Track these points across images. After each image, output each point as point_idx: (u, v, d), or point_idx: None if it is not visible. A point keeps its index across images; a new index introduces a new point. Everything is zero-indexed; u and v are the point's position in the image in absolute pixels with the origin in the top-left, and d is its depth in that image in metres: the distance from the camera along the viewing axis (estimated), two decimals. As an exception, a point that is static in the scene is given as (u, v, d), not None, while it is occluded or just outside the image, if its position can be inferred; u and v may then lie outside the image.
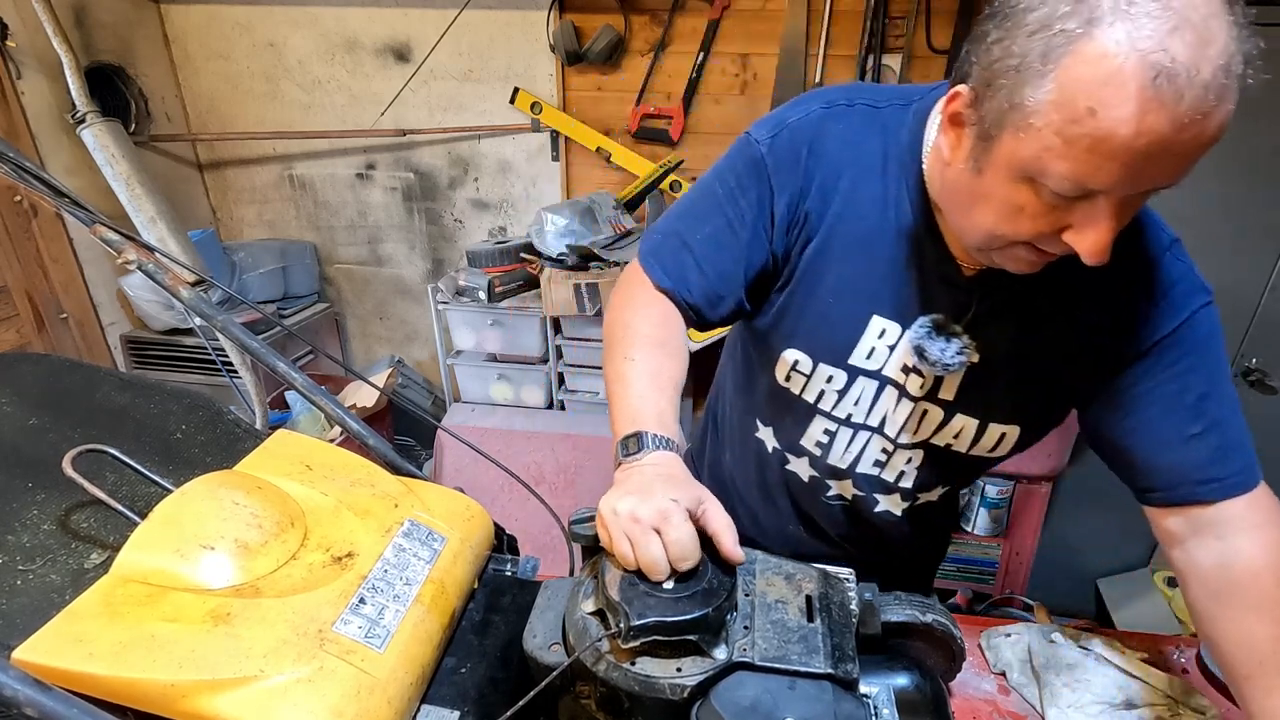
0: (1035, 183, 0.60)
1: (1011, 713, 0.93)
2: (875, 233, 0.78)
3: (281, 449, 0.69)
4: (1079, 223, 0.61)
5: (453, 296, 2.33)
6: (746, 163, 0.80)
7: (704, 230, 0.82)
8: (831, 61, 2.23)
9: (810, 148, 0.77)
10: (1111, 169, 0.55)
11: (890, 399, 0.85)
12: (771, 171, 0.78)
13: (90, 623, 0.48)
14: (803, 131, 0.78)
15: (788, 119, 0.79)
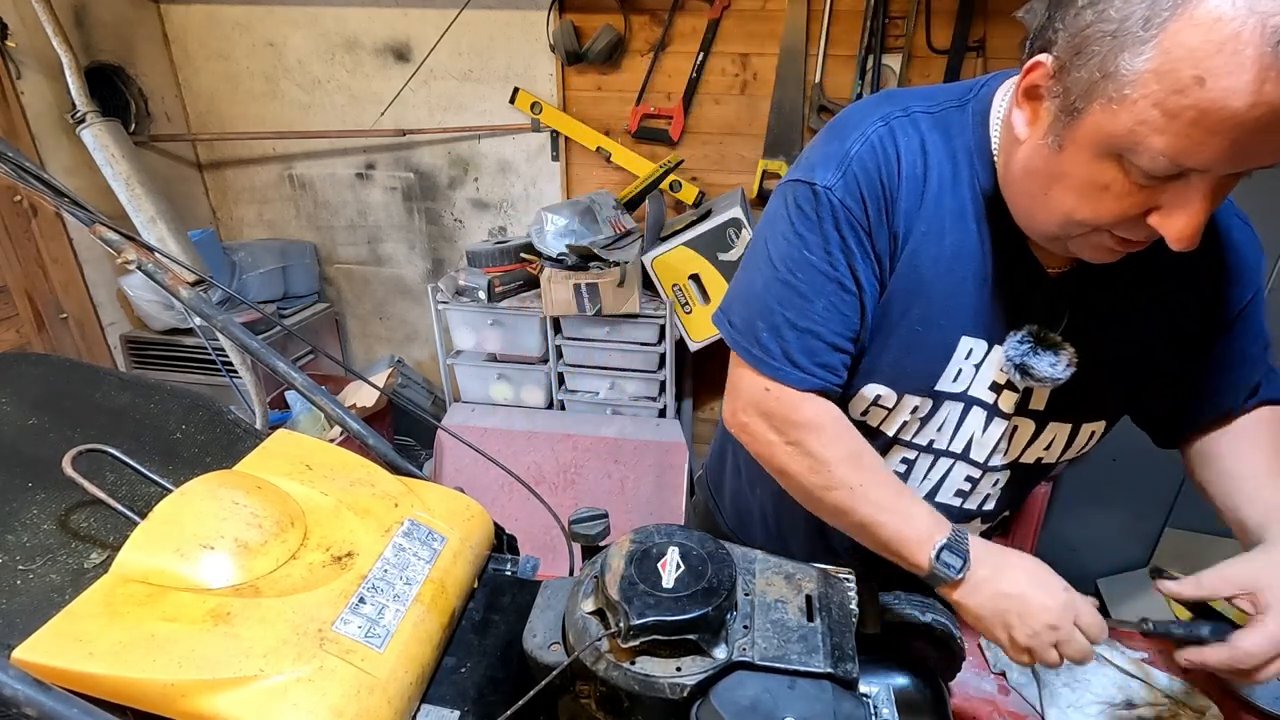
0: (1123, 160, 0.56)
1: (1011, 713, 0.93)
2: (958, 247, 0.72)
3: (281, 449, 0.69)
4: (1168, 204, 0.57)
5: (453, 296, 2.33)
6: (826, 215, 0.71)
7: (818, 306, 0.73)
8: (831, 61, 2.23)
9: (884, 170, 0.70)
10: (1216, 145, 0.51)
11: (977, 420, 0.80)
12: (857, 214, 0.71)
13: (90, 622, 0.48)
14: (871, 157, 0.70)
15: (849, 150, 0.71)
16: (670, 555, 0.58)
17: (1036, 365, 0.72)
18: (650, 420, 2.42)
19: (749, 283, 0.78)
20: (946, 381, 0.77)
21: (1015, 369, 0.74)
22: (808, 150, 0.77)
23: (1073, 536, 2.26)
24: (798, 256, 0.73)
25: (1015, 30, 1.97)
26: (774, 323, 0.74)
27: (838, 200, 0.70)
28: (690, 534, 0.61)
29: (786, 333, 0.74)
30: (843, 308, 0.73)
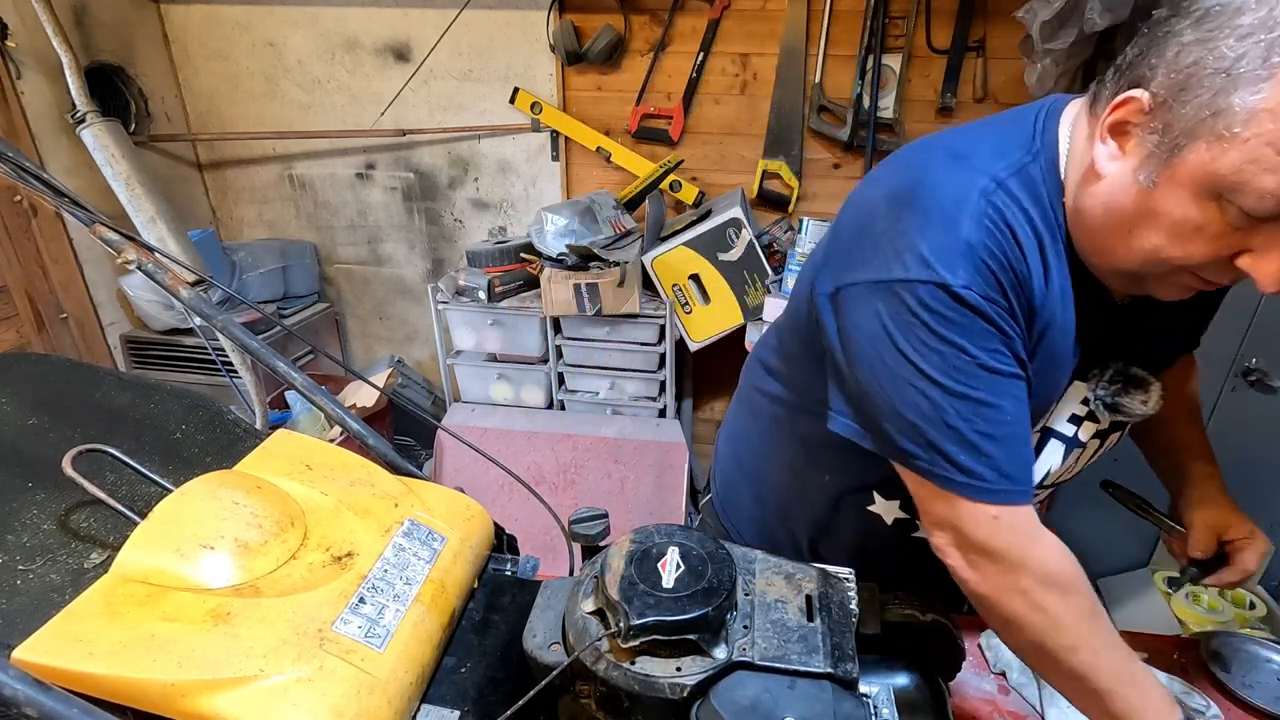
0: (1223, 200, 0.55)
1: (1011, 713, 0.93)
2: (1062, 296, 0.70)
3: (281, 449, 0.69)
4: (1261, 247, 0.56)
5: (453, 296, 2.33)
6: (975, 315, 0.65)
7: (1007, 408, 0.67)
8: (831, 61, 2.23)
9: (1010, 255, 0.65)
10: None
11: (1056, 452, 0.80)
12: (1002, 304, 0.66)
13: (90, 622, 0.48)
14: (995, 243, 0.65)
15: (968, 239, 0.64)
16: (670, 555, 0.58)
17: (1129, 404, 0.74)
18: (650, 420, 2.42)
19: (906, 403, 0.68)
20: (1057, 420, 0.78)
21: (1107, 409, 0.75)
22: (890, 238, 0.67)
23: (1073, 536, 2.25)
24: (962, 364, 0.65)
25: (1015, 30, 1.97)
26: (968, 440, 0.66)
27: (980, 297, 0.64)
28: (690, 534, 0.61)
29: (988, 446, 0.66)
30: (1021, 397, 0.68)
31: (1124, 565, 2.27)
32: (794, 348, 0.87)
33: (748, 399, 1.03)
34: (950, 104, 2.19)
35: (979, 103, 2.20)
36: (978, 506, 0.68)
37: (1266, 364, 1.93)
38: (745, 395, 1.05)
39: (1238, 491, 0.96)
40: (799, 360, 0.86)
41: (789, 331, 0.88)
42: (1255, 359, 1.94)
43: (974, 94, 2.18)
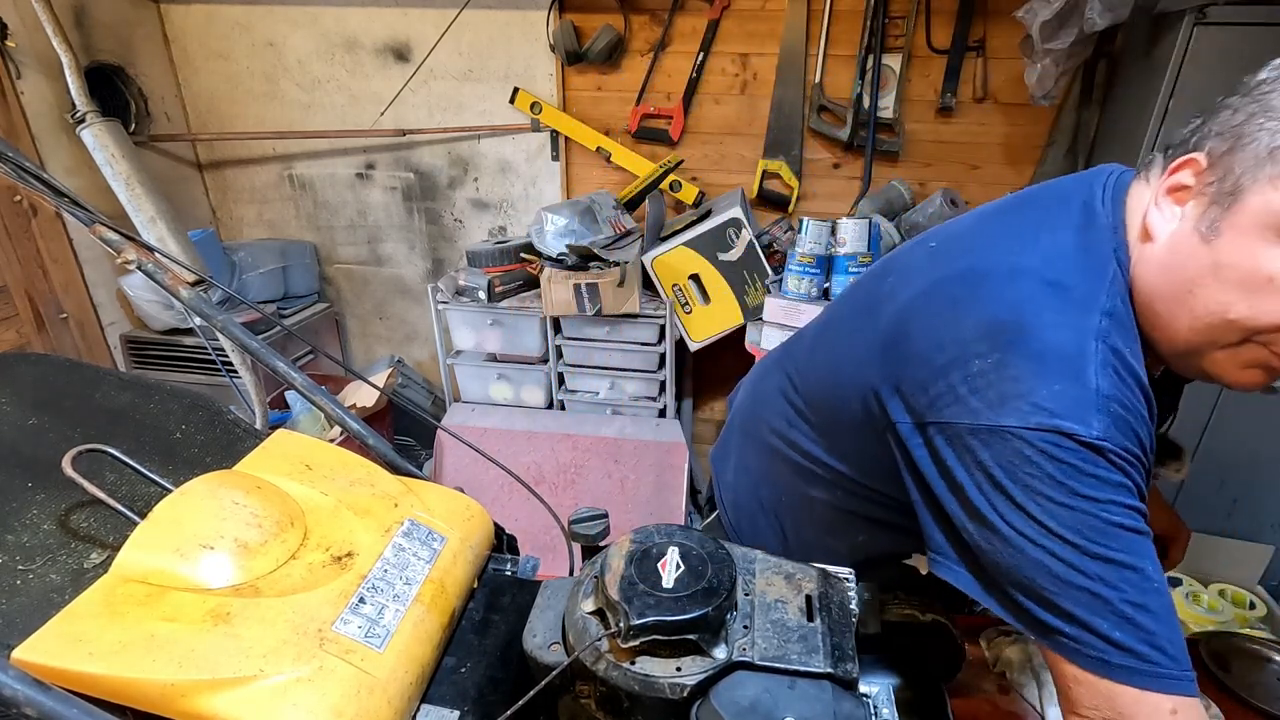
0: None
1: (1011, 713, 0.93)
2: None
3: (281, 449, 0.69)
4: None
5: (453, 296, 2.33)
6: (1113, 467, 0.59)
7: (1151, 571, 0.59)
8: (831, 61, 2.23)
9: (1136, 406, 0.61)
10: None
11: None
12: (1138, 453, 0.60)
13: (90, 622, 0.48)
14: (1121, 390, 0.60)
15: (1098, 388, 0.58)
16: (670, 555, 0.58)
17: (1165, 473, 0.71)
18: (650, 420, 2.42)
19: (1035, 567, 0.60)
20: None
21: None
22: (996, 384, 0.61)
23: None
24: (1100, 522, 0.58)
25: (1015, 30, 1.97)
26: (1119, 611, 0.57)
27: (1119, 448, 0.58)
28: (690, 534, 0.61)
29: (1144, 620, 0.57)
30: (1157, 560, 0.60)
31: (1124, 565, 2.27)
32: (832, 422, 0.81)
33: (767, 440, 0.96)
34: (950, 104, 2.19)
35: (979, 103, 2.20)
36: (1148, 696, 0.57)
37: (1266, 364, 1.93)
38: (763, 435, 0.97)
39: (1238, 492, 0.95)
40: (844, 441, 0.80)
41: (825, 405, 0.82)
42: (1255, 359, 1.94)
43: (974, 94, 2.18)
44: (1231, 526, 2.14)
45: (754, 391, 1.03)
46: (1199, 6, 1.66)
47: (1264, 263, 0.54)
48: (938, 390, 0.64)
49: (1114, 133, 2.04)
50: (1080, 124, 2.13)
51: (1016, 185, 2.26)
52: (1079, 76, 2.08)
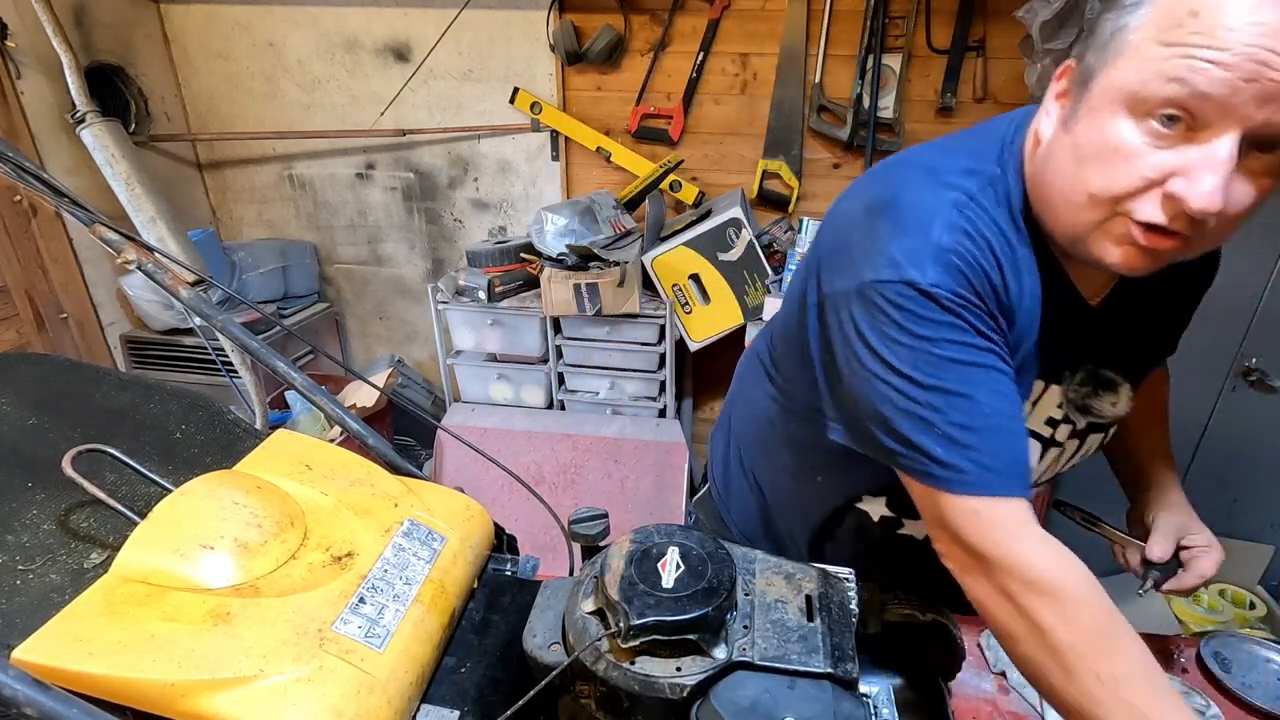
0: (1137, 115, 0.56)
1: (1011, 713, 0.93)
2: (1033, 301, 0.71)
3: (281, 449, 0.69)
4: (1193, 166, 0.54)
5: (453, 296, 2.33)
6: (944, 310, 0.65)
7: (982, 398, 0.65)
8: (831, 61, 2.23)
9: (983, 259, 0.67)
10: (1224, 76, 0.51)
11: (1034, 452, 0.80)
12: (974, 302, 0.66)
13: (90, 622, 0.48)
14: (966, 247, 0.66)
15: (939, 242, 0.65)
16: (670, 555, 0.58)
17: (1098, 406, 0.75)
18: (650, 420, 2.42)
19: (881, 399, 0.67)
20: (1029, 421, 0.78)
21: (1078, 410, 0.76)
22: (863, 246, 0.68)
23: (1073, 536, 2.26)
24: (930, 358, 0.65)
25: (1015, 30, 1.97)
26: (942, 432, 0.65)
27: (950, 294, 0.64)
28: (690, 534, 0.61)
29: (965, 438, 0.64)
30: (1002, 390, 0.66)
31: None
32: (785, 354, 0.87)
33: (743, 396, 1.04)
34: (950, 104, 2.19)
35: (979, 103, 2.20)
36: (957, 500, 0.65)
37: (1266, 364, 1.93)
38: (741, 392, 1.05)
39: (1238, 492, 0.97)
40: (791, 367, 0.86)
41: (781, 338, 0.88)
42: (1255, 359, 1.94)
43: (974, 94, 2.18)
44: (1231, 526, 2.14)
45: (742, 362, 1.08)
46: (1199, 6, 1.66)
47: (1109, 134, 0.58)
48: (831, 268, 0.72)
49: (1114, 133, 2.04)
50: (1080, 124, 2.13)
51: (1016, 185, 2.26)
52: (1079, 76, 2.08)
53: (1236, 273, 1.86)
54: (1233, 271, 1.82)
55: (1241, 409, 2.00)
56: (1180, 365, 2.10)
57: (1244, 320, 1.91)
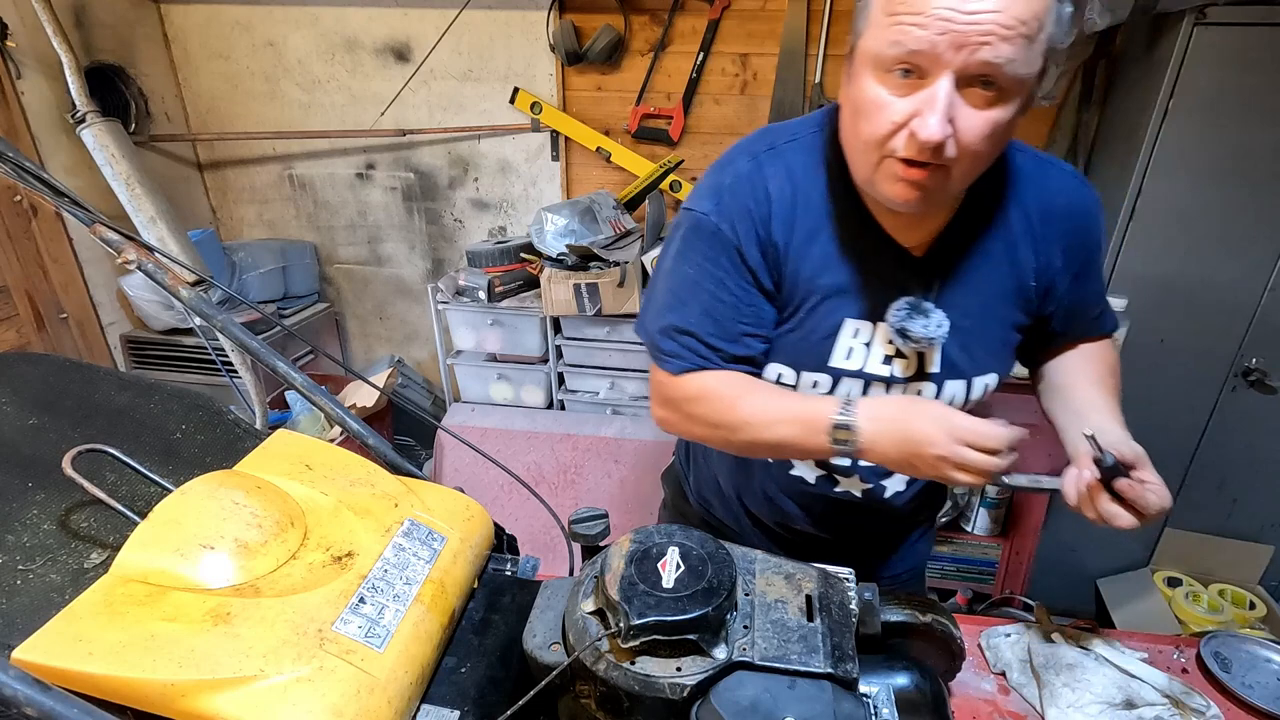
0: (881, 73, 0.70)
1: (1011, 713, 0.93)
2: (834, 246, 0.84)
3: (281, 449, 0.69)
4: (922, 107, 0.68)
5: (453, 296, 2.33)
6: (704, 237, 0.85)
7: (695, 310, 0.86)
8: (831, 61, 2.23)
9: (753, 196, 0.83)
10: (923, 28, 0.65)
11: (878, 391, 0.90)
12: (728, 235, 0.84)
13: (90, 622, 0.48)
14: (740, 186, 0.84)
15: (722, 183, 0.85)
16: (670, 555, 0.58)
17: (912, 327, 0.82)
18: (650, 420, 2.41)
19: (652, 296, 0.92)
20: (839, 359, 0.88)
21: (896, 333, 0.84)
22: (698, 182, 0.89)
23: (1073, 536, 2.26)
24: (681, 271, 0.87)
25: (1015, 30, 1.97)
26: (665, 326, 0.88)
27: (713, 224, 0.84)
28: (690, 534, 0.61)
29: (676, 336, 0.87)
30: (716, 312, 0.86)
31: (1124, 565, 2.27)
32: None
33: None
34: (950, 104, 2.19)
35: (979, 103, 2.20)
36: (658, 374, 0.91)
37: (1266, 364, 1.93)
38: None
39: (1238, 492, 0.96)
40: None
41: None
42: (1255, 359, 1.94)
43: (974, 94, 2.18)
44: (1231, 526, 2.14)
45: None
46: (1199, 6, 1.66)
47: (868, 91, 0.71)
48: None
49: (1114, 133, 2.05)
50: (1080, 124, 2.13)
51: (1016, 185, 2.27)
52: (1079, 76, 2.08)
53: (1237, 273, 1.86)
54: (1233, 272, 1.84)
55: (1241, 409, 1.99)
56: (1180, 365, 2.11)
57: (1244, 320, 1.91)
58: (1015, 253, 0.85)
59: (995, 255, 0.85)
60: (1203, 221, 1.84)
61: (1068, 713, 0.89)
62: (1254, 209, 1.80)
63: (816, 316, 0.86)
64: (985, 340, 0.89)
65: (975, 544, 2.20)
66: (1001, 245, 0.85)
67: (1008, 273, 0.86)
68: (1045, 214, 0.85)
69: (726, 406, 0.85)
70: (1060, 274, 0.88)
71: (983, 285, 0.86)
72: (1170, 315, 1.93)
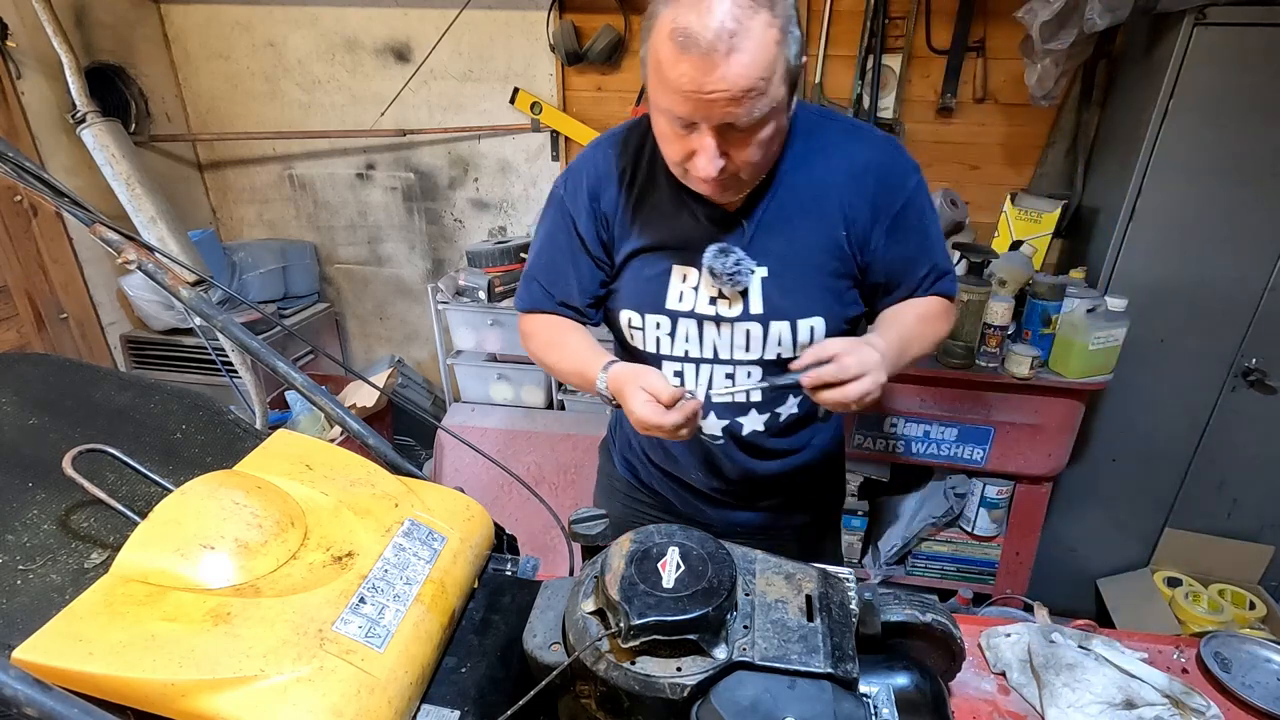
0: (667, 119, 0.84)
1: (1011, 713, 0.93)
2: (657, 207, 1.00)
3: (281, 449, 0.69)
4: (697, 149, 0.84)
5: (453, 296, 2.33)
6: (554, 206, 1.08)
7: (541, 262, 1.10)
8: (831, 61, 2.23)
9: (588, 173, 1.04)
10: (681, 101, 0.80)
11: (712, 329, 1.02)
12: (569, 204, 1.05)
13: (90, 622, 0.48)
14: (581, 165, 1.06)
15: (571, 166, 1.07)
16: (670, 555, 0.58)
17: (716, 265, 0.95)
18: (650, 420, 2.41)
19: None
20: (673, 302, 1.02)
21: (709, 272, 0.97)
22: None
23: (1073, 536, 2.26)
24: (540, 230, 1.11)
25: (1015, 30, 1.97)
26: (524, 273, 1.14)
27: (560, 195, 1.07)
28: (690, 534, 0.61)
29: (527, 281, 1.13)
30: (557, 264, 1.07)
31: (1124, 565, 2.27)
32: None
33: None
34: (950, 104, 2.19)
35: (979, 103, 2.20)
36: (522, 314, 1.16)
37: (1266, 364, 1.93)
38: None
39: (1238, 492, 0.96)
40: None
41: None
42: (1255, 359, 1.94)
43: (974, 94, 2.18)
44: (1231, 526, 2.14)
45: None
46: (1199, 6, 1.66)
47: (660, 125, 0.88)
48: None
49: (1114, 133, 2.05)
50: (1080, 124, 2.13)
51: (1016, 185, 2.26)
52: (1079, 77, 2.08)
53: (1236, 273, 1.86)
54: (1233, 272, 1.84)
55: (1241, 409, 1.99)
56: (1180, 365, 2.11)
57: (1244, 320, 1.91)
58: (823, 207, 0.97)
59: (805, 208, 0.97)
60: (1203, 221, 1.84)
61: (1068, 713, 0.89)
62: (1254, 209, 1.80)
63: (649, 265, 1.02)
64: (804, 285, 0.99)
65: (975, 544, 2.20)
66: (811, 200, 0.97)
67: (817, 225, 0.97)
68: (851, 172, 0.96)
69: (543, 347, 1.11)
70: (871, 228, 0.98)
71: (795, 235, 0.97)
72: (1170, 315, 1.93)
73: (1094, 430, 2.10)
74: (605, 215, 1.04)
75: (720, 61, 0.76)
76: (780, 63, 0.80)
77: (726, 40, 0.75)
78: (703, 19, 0.75)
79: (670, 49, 0.78)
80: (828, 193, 0.97)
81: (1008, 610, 2.16)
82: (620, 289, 1.06)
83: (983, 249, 1.95)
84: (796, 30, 0.82)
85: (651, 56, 0.82)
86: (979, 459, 2.04)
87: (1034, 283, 1.91)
